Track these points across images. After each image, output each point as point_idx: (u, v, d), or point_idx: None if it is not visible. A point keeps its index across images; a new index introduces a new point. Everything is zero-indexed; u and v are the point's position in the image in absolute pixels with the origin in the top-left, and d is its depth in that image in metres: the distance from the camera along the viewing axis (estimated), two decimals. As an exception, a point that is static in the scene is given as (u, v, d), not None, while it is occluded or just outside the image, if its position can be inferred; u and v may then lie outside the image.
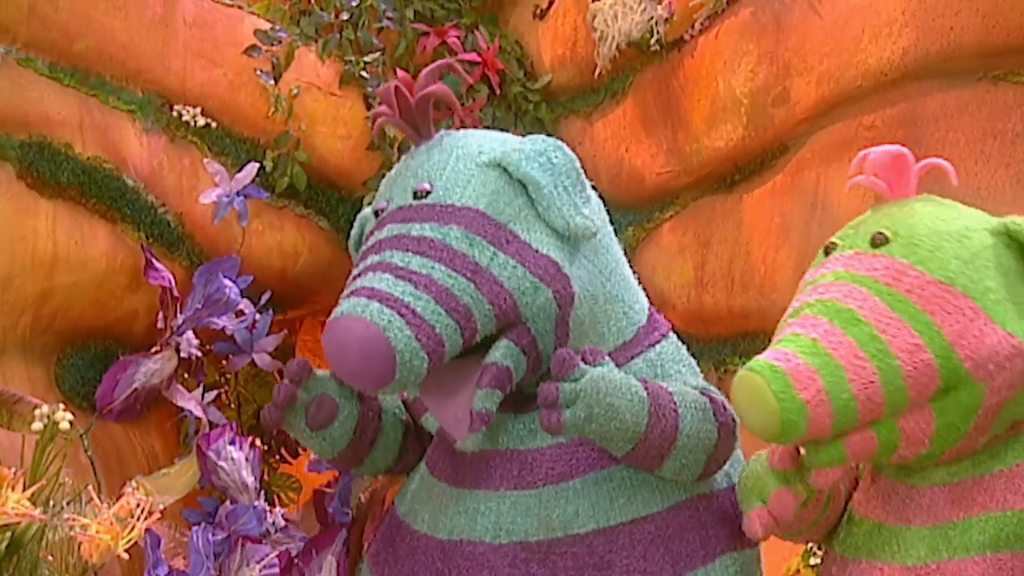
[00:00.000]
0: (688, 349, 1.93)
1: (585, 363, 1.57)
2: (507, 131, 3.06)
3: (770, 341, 2.84)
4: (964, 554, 1.40)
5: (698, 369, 1.90)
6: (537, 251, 1.63)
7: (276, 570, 1.98)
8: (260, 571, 1.99)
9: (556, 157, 1.69)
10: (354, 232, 1.83)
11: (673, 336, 1.88)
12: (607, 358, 1.61)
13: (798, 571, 2.35)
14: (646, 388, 1.63)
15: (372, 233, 1.67)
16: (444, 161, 1.67)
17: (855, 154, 2.47)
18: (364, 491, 2.05)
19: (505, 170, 1.67)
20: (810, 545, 2.34)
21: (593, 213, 1.72)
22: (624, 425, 1.58)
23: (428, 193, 1.64)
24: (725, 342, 2.78)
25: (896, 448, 1.41)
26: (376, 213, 1.70)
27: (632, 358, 1.76)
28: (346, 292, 1.57)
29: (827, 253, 1.55)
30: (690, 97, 2.80)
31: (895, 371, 1.35)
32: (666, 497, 1.72)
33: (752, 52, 2.63)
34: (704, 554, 1.73)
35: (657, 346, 1.81)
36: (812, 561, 2.32)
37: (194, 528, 2.01)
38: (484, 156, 1.68)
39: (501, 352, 1.62)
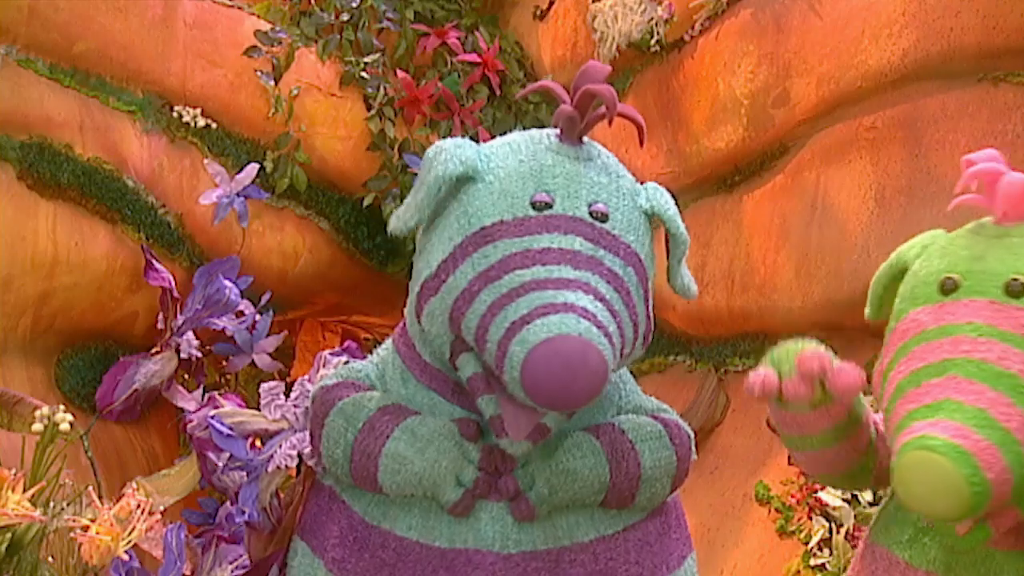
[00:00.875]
0: (688, 350, 1.93)
1: (532, 440, 1.58)
2: (507, 131, 3.09)
3: (770, 342, 2.85)
4: None
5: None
6: (649, 308, 1.68)
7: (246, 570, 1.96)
8: (232, 571, 1.99)
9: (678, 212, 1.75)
10: (444, 171, 1.64)
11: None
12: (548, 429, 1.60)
13: (798, 572, 2.35)
14: (599, 439, 1.66)
15: (536, 225, 1.59)
16: (614, 188, 1.65)
17: (855, 155, 2.50)
18: (279, 490, 2.01)
19: (653, 223, 1.69)
20: (810, 546, 2.34)
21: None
22: (588, 483, 1.63)
23: (606, 218, 1.61)
24: (725, 343, 2.78)
25: None
26: (535, 203, 1.60)
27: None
28: (544, 296, 1.50)
29: (945, 291, 1.40)
30: (690, 98, 2.80)
31: None
32: (648, 501, 1.75)
33: (752, 53, 2.63)
34: (678, 556, 1.78)
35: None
36: (812, 562, 2.32)
37: (168, 527, 2.00)
38: (640, 200, 1.68)
39: None
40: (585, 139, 1.69)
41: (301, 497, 1.91)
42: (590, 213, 1.61)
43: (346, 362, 1.99)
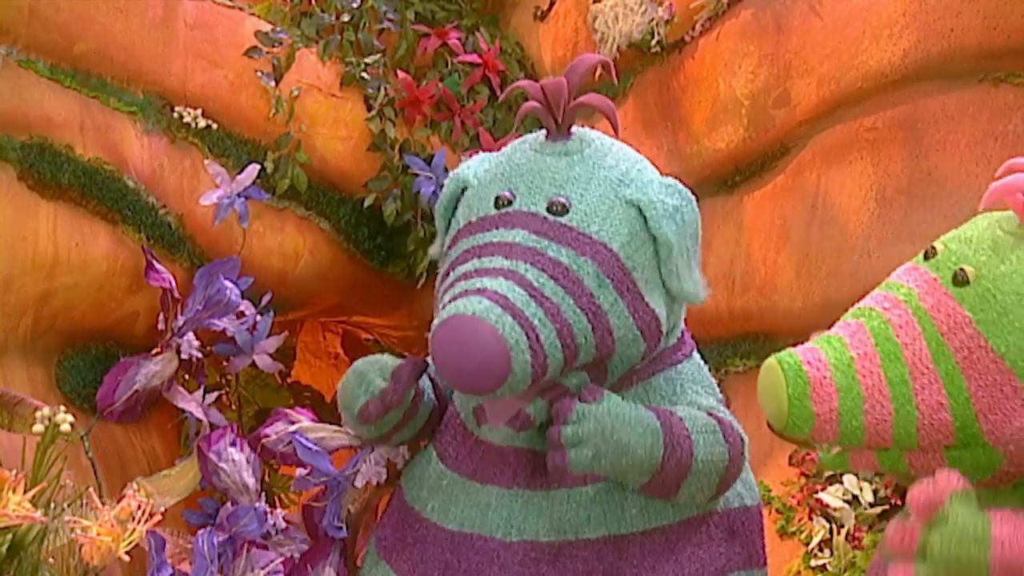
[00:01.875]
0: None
1: (583, 402, 1.57)
2: (507, 132, 3.10)
3: (769, 342, 2.84)
4: None
5: (717, 390, 1.90)
6: (647, 304, 1.63)
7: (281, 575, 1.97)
8: None
9: (688, 215, 1.70)
10: (444, 194, 1.74)
11: (696, 356, 1.88)
12: (607, 394, 1.59)
13: (799, 573, 2.35)
14: (659, 418, 1.61)
15: (491, 222, 1.61)
16: (586, 180, 1.63)
17: (856, 155, 2.50)
18: (354, 502, 2.03)
19: (642, 214, 1.65)
20: (811, 547, 2.34)
21: (702, 277, 1.74)
22: (637, 459, 1.58)
23: (565, 210, 1.59)
24: (726, 343, 2.78)
25: (903, 472, 1.40)
26: (497, 200, 1.63)
27: (654, 374, 1.75)
28: (466, 284, 1.52)
29: (926, 256, 1.44)
30: (691, 99, 2.80)
31: (911, 419, 1.34)
32: (678, 511, 1.71)
33: (753, 54, 2.63)
34: (713, 570, 1.73)
35: (679, 364, 1.80)
36: (813, 563, 2.32)
37: (199, 532, 2.01)
38: (627, 191, 1.65)
39: (578, 381, 1.62)
40: (577, 133, 1.69)
41: (367, 510, 1.97)
42: (548, 207, 1.61)
43: None
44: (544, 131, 1.71)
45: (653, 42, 2.85)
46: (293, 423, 2.05)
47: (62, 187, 2.44)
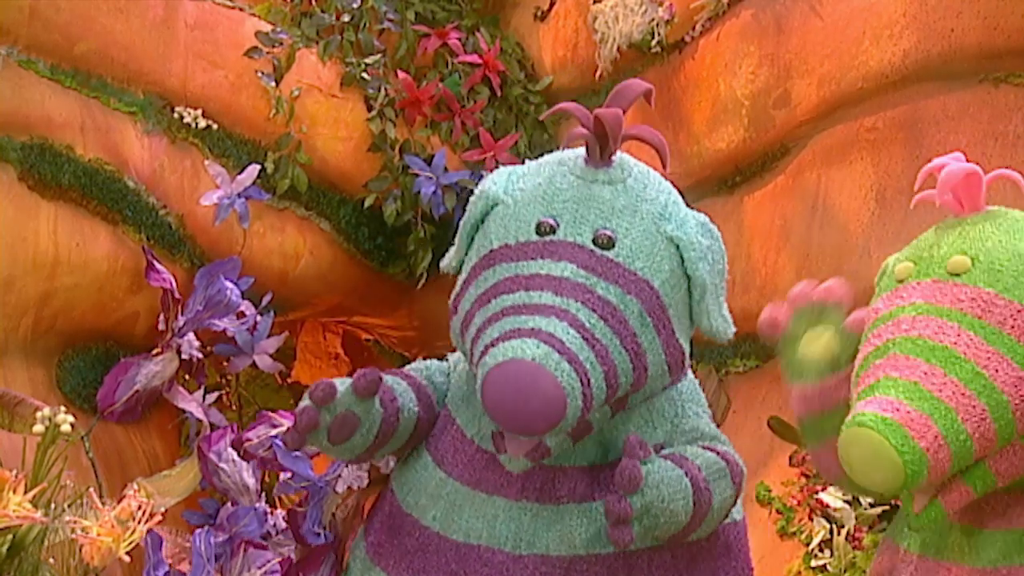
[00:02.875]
0: (689, 351, 1.93)
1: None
2: (508, 132, 3.10)
3: (770, 343, 2.84)
4: None
5: (706, 405, 1.90)
6: (678, 341, 1.65)
7: (278, 575, 1.97)
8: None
9: (718, 254, 1.71)
10: (473, 211, 1.71)
11: (691, 374, 1.87)
12: (651, 451, 1.57)
13: (799, 573, 2.35)
14: (687, 475, 1.60)
15: (534, 250, 1.59)
16: (631, 213, 1.62)
17: (856, 156, 2.50)
18: (337, 507, 2.02)
19: (679, 252, 1.64)
20: (811, 548, 2.34)
21: (728, 313, 1.74)
22: (678, 522, 1.57)
23: (612, 244, 1.59)
24: (726, 344, 2.77)
25: (992, 487, 1.38)
26: (539, 227, 1.60)
27: (656, 395, 1.75)
28: (517, 321, 1.50)
29: (899, 277, 1.45)
30: (691, 99, 2.80)
31: (1004, 406, 1.31)
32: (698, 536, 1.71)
33: (753, 54, 2.63)
34: None
35: (679, 384, 1.80)
36: (813, 563, 2.32)
37: (196, 531, 2.01)
38: (668, 227, 1.65)
39: (601, 416, 1.61)
40: (617, 160, 1.67)
41: (357, 514, 1.95)
42: (594, 240, 1.59)
43: None
44: (584, 154, 1.68)
45: (653, 42, 2.85)
46: (276, 427, 2.04)
47: (63, 187, 2.44)
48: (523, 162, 1.71)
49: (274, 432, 2.04)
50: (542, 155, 1.75)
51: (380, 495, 1.88)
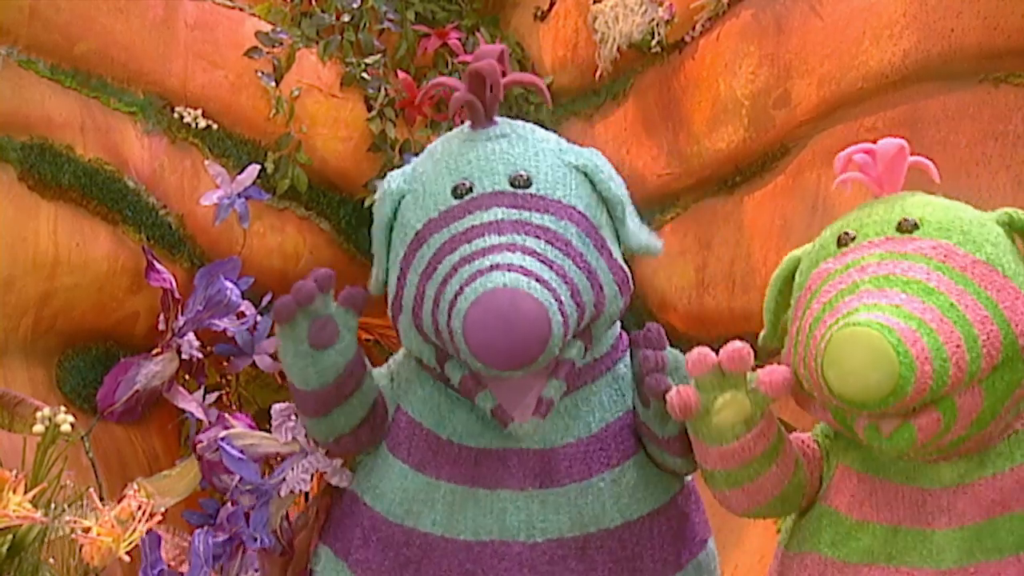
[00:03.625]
0: (690, 350, 1.93)
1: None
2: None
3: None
4: (997, 556, 1.40)
5: None
6: (616, 260, 1.69)
7: None
8: None
9: (617, 176, 1.75)
10: (382, 213, 1.76)
11: (627, 353, 1.88)
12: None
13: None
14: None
15: (458, 211, 1.62)
16: (534, 153, 1.68)
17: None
18: (288, 511, 2.00)
19: (588, 178, 1.70)
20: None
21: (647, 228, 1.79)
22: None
23: (529, 183, 1.64)
24: (726, 344, 2.77)
25: (953, 427, 1.39)
26: (455, 190, 1.65)
27: (602, 373, 1.77)
28: (473, 266, 1.53)
29: (842, 243, 1.50)
30: (691, 99, 2.80)
31: (975, 339, 1.35)
32: (667, 490, 1.77)
33: (753, 54, 2.63)
34: (700, 539, 1.81)
35: (620, 362, 1.81)
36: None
37: (196, 531, 2.01)
38: (570, 158, 1.70)
39: (576, 351, 1.66)
40: (498, 119, 1.74)
41: (316, 518, 1.93)
42: (511, 183, 1.63)
43: None
44: (469, 123, 1.76)
45: (653, 42, 2.85)
46: (227, 428, 2.04)
47: (63, 187, 2.44)
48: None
49: (223, 434, 2.03)
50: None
51: (343, 511, 1.83)
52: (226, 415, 2.10)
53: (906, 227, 1.45)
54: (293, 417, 1.96)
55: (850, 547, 1.54)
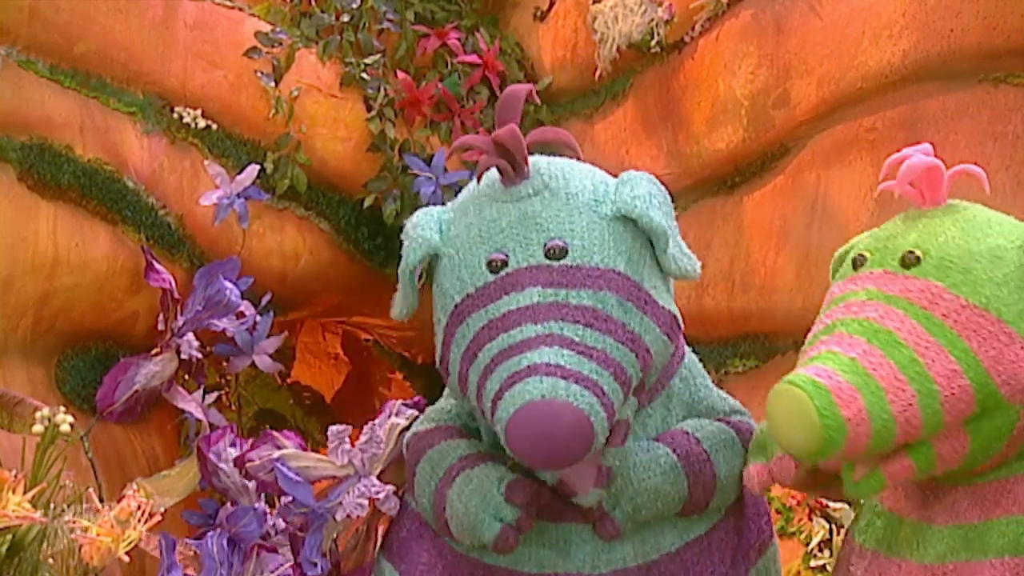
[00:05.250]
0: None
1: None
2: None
3: (769, 343, 2.84)
4: (981, 556, 1.40)
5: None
6: (663, 308, 1.64)
7: None
8: None
9: (659, 195, 1.68)
10: (411, 260, 1.69)
11: (686, 345, 1.88)
12: (627, 436, 1.62)
13: (799, 573, 2.35)
14: (674, 451, 1.66)
15: (495, 290, 1.58)
16: (568, 214, 1.61)
17: (856, 156, 2.49)
18: (339, 535, 1.99)
19: (629, 220, 1.63)
20: (811, 548, 2.34)
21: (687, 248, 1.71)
22: (668, 498, 1.65)
23: (565, 252, 1.57)
24: (726, 344, 2.78)
25: (933, 469, 1.40)
26: (490, 264, 1.59)
27: (670, 378, 1.76)
28: (510, 365, 1.50)
29: (856, 266, 1.51)
30: (690, 99, 2.80)
31: (933, 395, 1.34)
32: (722, 505, 1.76)
33: (752, 54, 2.64)
34: (758, 546, 1.79)
35: (684, 361, 1.81)
36: (813, 563, 2.32)
37: (208, 534, 2.00)
38: (605, 207, 1.63)
39: (630, 408, 1.63)
40: (532, 168, 1.65)
41: (368, 539, 1.93)
42: (547, 254, 1.58)
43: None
44: (498, 177, 1.66)
45: (653, 42, 2.85)
46: (279, 448, 2.02)
47: (62, 187, 2.44)
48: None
49: (277, 454, 2.02)
50: (541, 154, 1.74)
51: (410, 533, 1.83)
52: (273, 432, 2.08)
53: (908, 261, 1.44)
54: (348, 440, 1.95)
55: (868, 532, 1.58)
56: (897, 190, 1.51)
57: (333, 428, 1.95)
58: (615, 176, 1.72)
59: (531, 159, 1.67)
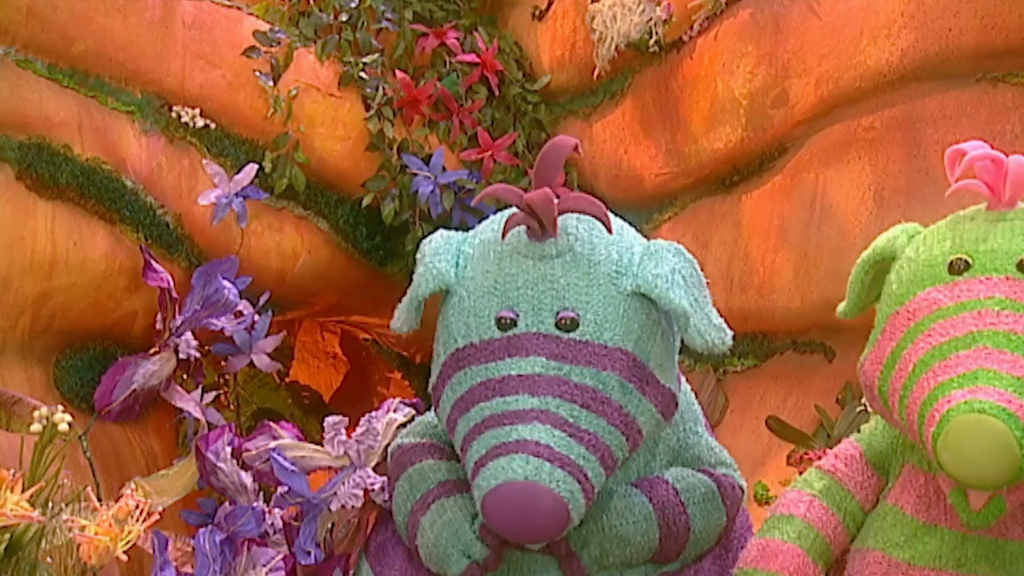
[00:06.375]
0: (687, 350, 1.92)
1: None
2: (506, 132, 3.10)
3: (768, 342, 2.82)
4: None
5: (701, 414, 1.90)
6: (664, 387, 1.63)
7: (282, 573, 1.96)
8: (266, 574, 1.98)
9: (686, 268, 1.66)
10: (422, 287, 1.70)
11: (684, 382, 1.86)
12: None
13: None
14: (651, 500, 1.66)
15: (500, 348, 1.57)
16: (586, 285, 1.58)
17: (854, 155, 2.49)
18: (334, 524, 2.00)
19: (647, 299, 1.60)
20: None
21: (718, 318, 1.68)
22: (638, 547, 1.65)
23: (576, 325, 1.56)
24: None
25: None
26: (499, 321, 1.58)
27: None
28: (499, 434, 1.49)
29: (956, 271, 1.42)
30: (689, 98, 2.80)
31: None
32: (692, 556, 1.76)
33: (751, 53, 2.64)
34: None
35: (675, 413, 1.80)
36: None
37: (200, 531, 2.00)
38: (626, 283, 1.60)
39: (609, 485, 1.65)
40: (560, 227, 1.62)
41: (359, 530, 1.93)
42: (557, 324, 1.57)
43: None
44: (525, 231, 1.63)
45: (651, 42, 2.85)
46: (276, 438, 2.02)
47: (60, 187, 2.43)
48: (520, 161, 1.69)
49: (273, 444, 2.02)
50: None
51: (388, 537, 1.85)
52: (271, 423, 2.08)
53: None
54: (343, 431, 1.95)
55: (916, 550, 1.51)
56: (973, 187, 1.45)
57: (329, 419, 1.96)
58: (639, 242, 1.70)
59: (563, 220, 1.63)
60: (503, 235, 1.63)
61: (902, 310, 1.45)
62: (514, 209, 1.63)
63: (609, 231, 1.64)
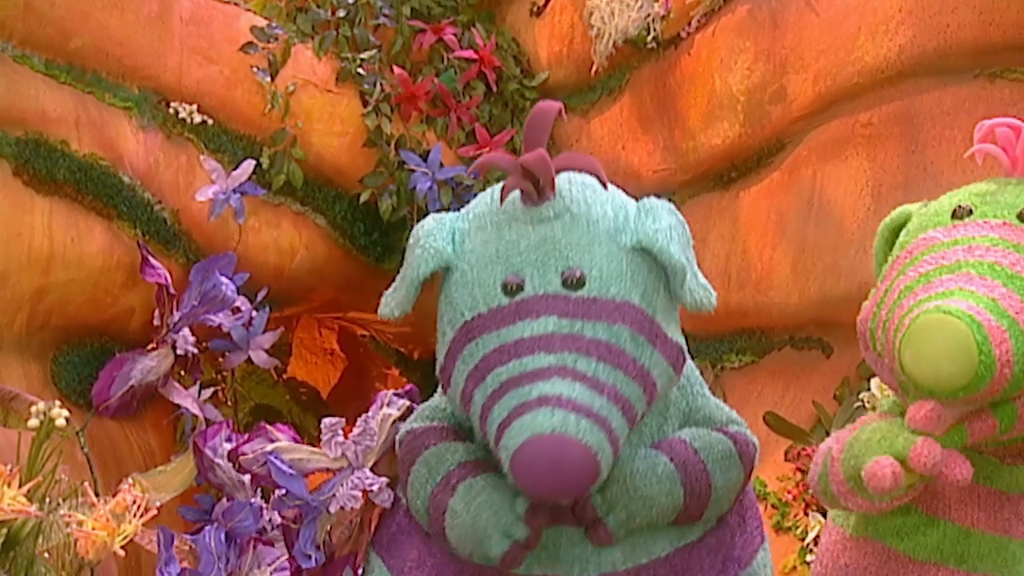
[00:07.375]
0: (686, 346, 1.93)
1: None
2: (503, 128, 3.10)
3: (766, 338, 2.83)
4: None
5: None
6: (671, 340, 1.63)
7: (287, 573, 1.96)
8: (271, 573, 1.98)
9: (678, 226, 1.66)
10: (421, 269, 1.66)
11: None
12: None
13: (794, 568, 2.35)
14: (672, 460, 1.65)
15: (509, 314, 1.56)
16: (588, 242, 1.59)
17: (852, 151, 2.50)
18: (333, 526, 1.99)
19: (647, 252, 1.60)
20: (807, 542, 2.34)
21: (703, 278, 1.69)
22: (663, 507, 1.64)
23: (582, 282, 1.56)
24: (722, 339, 2.78)
25: (1011, 431, 1.36)
26: (505, 287, 1.58)
27: (668, 395, 1.75)
28: (522, 393, 1.49)
29: (958, 216, 1.44)
30: (687, 95, 2.80)
31: None
32: (714, 516, 1.75)
33: (749, 50, 2.64)
34: (751, 551, 1.79)
35: (684, 369, 1.81)
36: (808, 558, 2.32)
37: (205, 529, 2.00)
38: (624, 237, 1.60)
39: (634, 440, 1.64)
40: (560, 191, 1.62)
41: (362, 529, 1.92)
42: (564, 283, 1.57)
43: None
44: (520, 195, 1.63)
45: (649, 38, 2.85)
46: (273, 441, 2.02)
47: (57, 183, 2.43)
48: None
49: (270, 447, 2.02)
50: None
51: (399, 528, 1.83)
52: (267, 426, 2.07)
53: None
54: (341, 433, 1.95)
55: (916, 542, 1.51)
56: (990, 151, 1.49)
57: (326, 420, 1.95)
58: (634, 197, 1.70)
59: (571, 190, 1.64)
60: (501, 201, 1.63)
61: (903, 252, 1.48)
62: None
63: (605, 187, 1.65)
